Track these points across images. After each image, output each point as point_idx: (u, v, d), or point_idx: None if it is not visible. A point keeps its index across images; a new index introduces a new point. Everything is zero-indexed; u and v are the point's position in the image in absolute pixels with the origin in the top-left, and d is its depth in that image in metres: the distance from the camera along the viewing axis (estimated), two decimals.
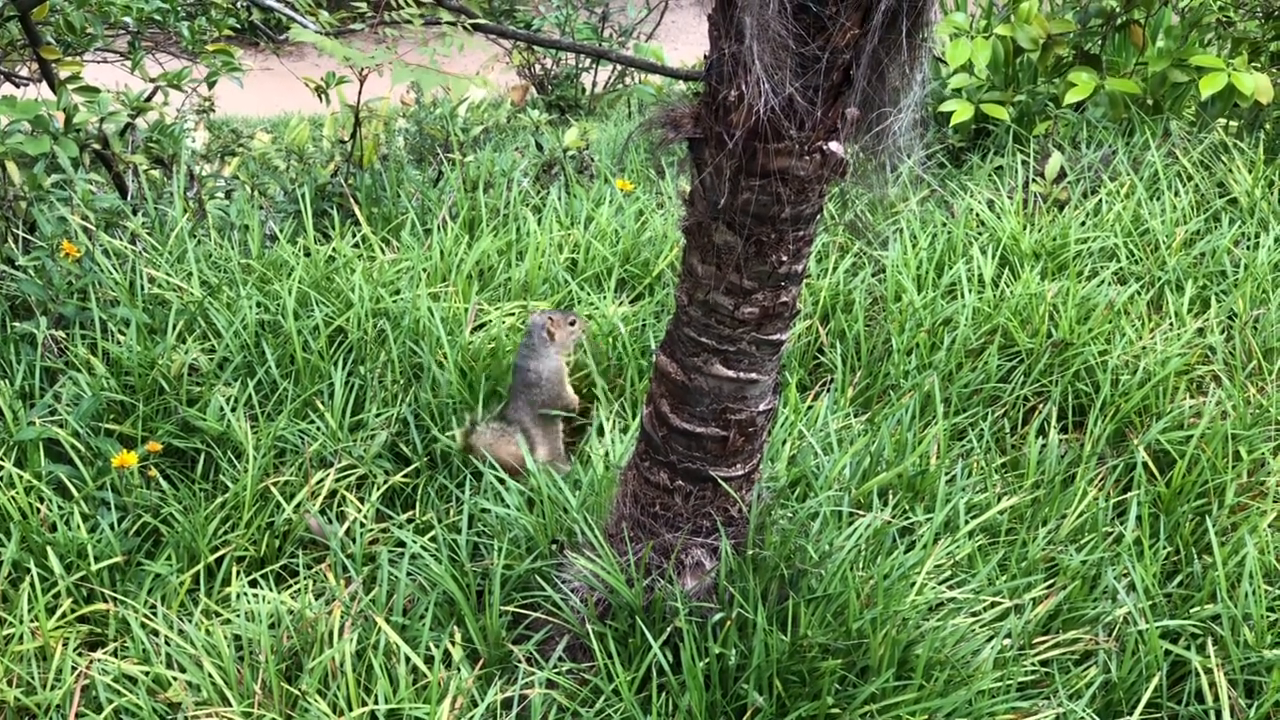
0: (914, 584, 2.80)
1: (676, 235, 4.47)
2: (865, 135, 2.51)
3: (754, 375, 2.64)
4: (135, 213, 4.51)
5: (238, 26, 6.62)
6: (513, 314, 3.98)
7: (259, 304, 3.91)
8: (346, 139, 6.33)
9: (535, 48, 10.21)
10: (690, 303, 2.61)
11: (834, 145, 2.45)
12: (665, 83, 9.58)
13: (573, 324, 3.59)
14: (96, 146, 4.77)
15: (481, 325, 3.96)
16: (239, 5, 6.50)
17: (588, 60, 10.66)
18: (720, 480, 2.72)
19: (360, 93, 5.82)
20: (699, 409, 2.66)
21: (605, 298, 4.10)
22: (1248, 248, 4.58)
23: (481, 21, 6.52)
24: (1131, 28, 5.89)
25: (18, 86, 6.12)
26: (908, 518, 3.17)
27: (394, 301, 3.96)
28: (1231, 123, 5.63)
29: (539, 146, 6.32)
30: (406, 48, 5.26)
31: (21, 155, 4.25)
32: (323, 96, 5.95)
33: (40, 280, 3.86)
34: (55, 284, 3.85)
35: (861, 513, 3.02)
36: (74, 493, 3.23)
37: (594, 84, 10.75)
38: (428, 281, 4.13)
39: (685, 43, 10.74)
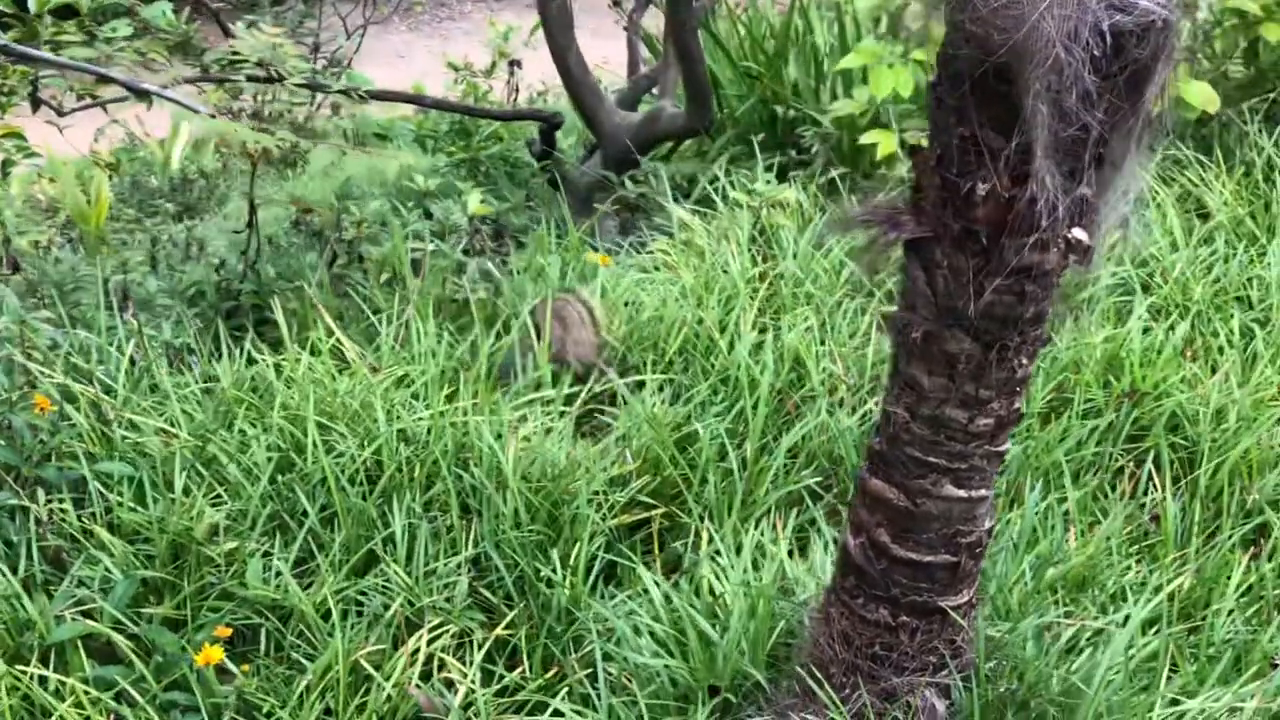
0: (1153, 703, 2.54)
1: (680, 314, 4.06)
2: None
3: (983, 492, 2.37)
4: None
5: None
6: (549, 412, 3.59)
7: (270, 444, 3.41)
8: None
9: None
10: (913, 419, 2.31)
11: (1078, 232, 2.20)
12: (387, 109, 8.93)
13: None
14: None
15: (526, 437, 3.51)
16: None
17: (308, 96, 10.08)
18: (949, 610, 2.43)
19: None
20: (925, 535, 2.37)
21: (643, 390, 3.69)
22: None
23: (377, 89, 6.08)
24: None
25: None
26: (1075, 610, 2.91)
27: (415, 422, 3.50)
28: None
29: (427, 214, 5.80)
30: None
31: None
32: None
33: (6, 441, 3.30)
34: (25, 444, 3.30)
35: (1065, 620, 2.75)
36: (137, 699, 2.70)
37: (309, 119, 10.10)
38: (443, 389, 3.66)
39: (375, 64, 10.34)
